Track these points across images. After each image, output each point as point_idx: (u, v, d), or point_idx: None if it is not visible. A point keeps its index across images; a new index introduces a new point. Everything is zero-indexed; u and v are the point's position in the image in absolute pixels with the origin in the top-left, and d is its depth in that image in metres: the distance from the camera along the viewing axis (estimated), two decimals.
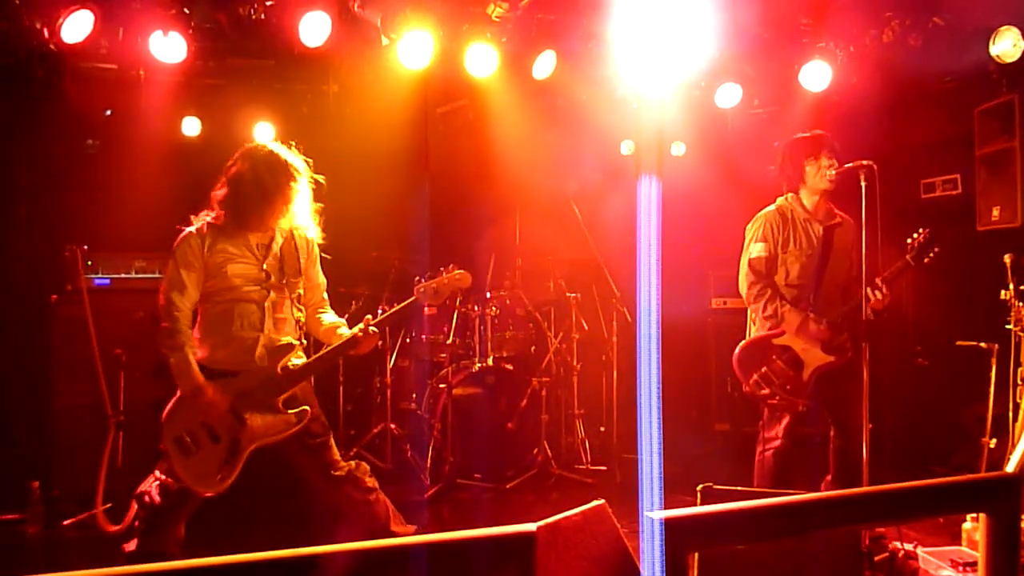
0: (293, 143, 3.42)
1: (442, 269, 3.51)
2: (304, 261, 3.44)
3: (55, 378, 4.67)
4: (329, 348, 3.41)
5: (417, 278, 3.50)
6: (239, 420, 3.19)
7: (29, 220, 5.34)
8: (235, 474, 3.16)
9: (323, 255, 3.57)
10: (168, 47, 4.49)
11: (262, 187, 3.23)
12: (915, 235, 3.80)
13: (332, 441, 3.42)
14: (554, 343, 5.74)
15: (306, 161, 3.39)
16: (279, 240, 3.38)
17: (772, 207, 4.12)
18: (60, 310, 4.65)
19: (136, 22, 4.47)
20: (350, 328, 3.42)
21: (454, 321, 5.47)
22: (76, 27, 4.24)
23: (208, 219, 3.30)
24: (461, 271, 3.53)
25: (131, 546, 3.28)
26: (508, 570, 1.36)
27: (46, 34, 4.32)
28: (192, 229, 3.29)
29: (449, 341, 5.44)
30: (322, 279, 3.57)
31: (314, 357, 3.39)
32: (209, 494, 3.17)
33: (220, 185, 3.31)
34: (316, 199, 3.46)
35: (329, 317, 3.55)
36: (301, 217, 3.42)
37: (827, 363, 3.89)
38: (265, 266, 3.32)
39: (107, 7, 4.33)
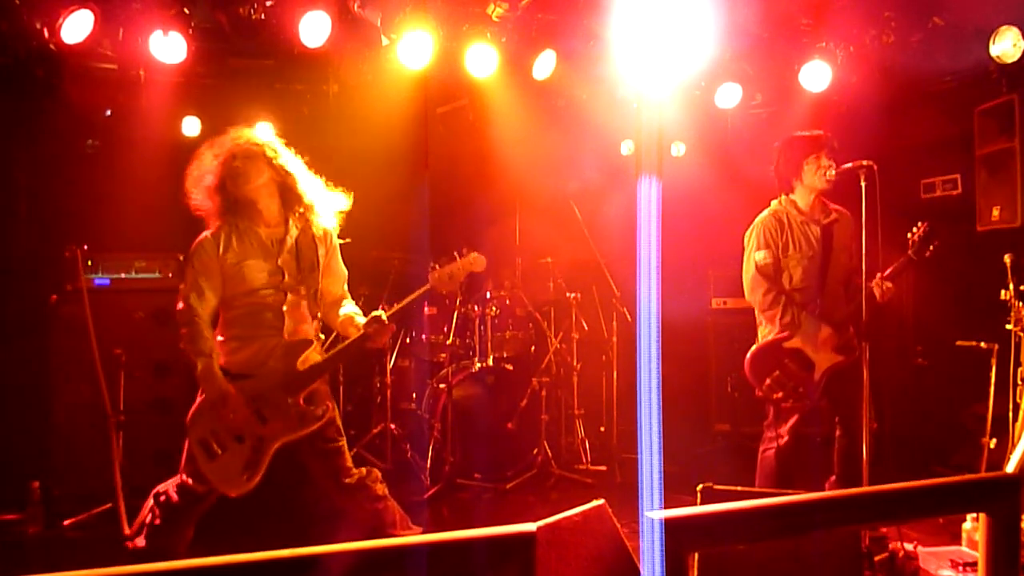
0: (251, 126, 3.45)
1: (455, 254, 3.43)
2: (323, 253, 3.38)
3: (55, 378, 4.68)
4: (344, 344, 3.35)
5: (432, 264, 3.43)
6: (262, 420, 3.17)
7: (29, 220, 5.34)
8: (260, 473, 3.13)
9: None
10: (168, 47, 4.49)
11: (211, 177, 3.24)
12: (914, 229, 3.80)
13: (345, 446, 3.38)
14: (554, 343, 5.74)
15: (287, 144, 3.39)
16: (294, 232, 3.32)
17: (767, 212, 4.09)
18: (60, 310, 4.66)
19: (136, 22, 4.47)
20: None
21: (454, 321, 5.47)
22: (76, 27, 4.24)
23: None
24: (476, 254, 3.44)
25: (139, 542, 3.26)
26: (508, 570, 1.36)
27: (46, 34, 4.32)
28: (208, 233, 3.27)
29: (449, 341, 5.43)
30: (343, 270, 3.51)
31: (330, 353, 3.36)
32: (234, 494, 3.14)
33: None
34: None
35: (348, 308, 3.47)
36: (319, 208, 3.36)
37: (837, 362, 3.89)
38: (280, 262, 3.27)
39: (107, 7, 4.34)
